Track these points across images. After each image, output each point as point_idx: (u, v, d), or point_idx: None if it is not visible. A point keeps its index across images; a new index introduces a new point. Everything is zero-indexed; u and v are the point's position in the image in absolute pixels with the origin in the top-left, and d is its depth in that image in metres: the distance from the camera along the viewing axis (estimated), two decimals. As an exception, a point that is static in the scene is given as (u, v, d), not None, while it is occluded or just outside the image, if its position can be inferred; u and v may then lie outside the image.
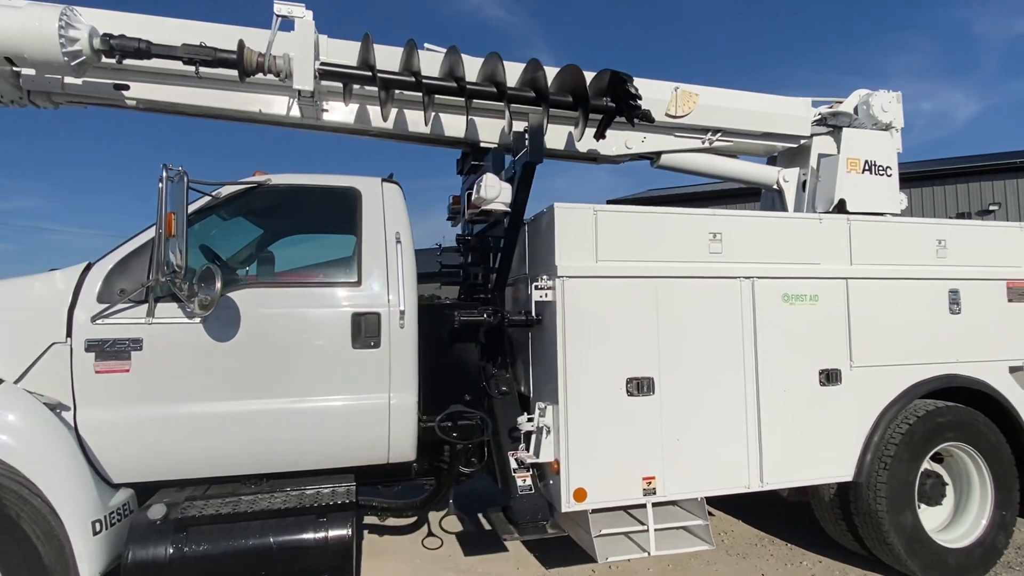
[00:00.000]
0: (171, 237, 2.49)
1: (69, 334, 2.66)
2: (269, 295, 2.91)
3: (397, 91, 3.60)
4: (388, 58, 3.56)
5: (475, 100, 3.54)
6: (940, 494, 3.76)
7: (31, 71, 3.28)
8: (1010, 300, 3.89)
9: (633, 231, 3.21)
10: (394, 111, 3.93)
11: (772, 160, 5.19)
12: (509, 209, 3.07)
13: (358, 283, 3.04)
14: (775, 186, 4.95)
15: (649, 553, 3.13)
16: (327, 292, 3.01)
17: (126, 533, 2.58)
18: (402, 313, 3.02)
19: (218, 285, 2.54)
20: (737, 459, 3.28)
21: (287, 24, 3.33)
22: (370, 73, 3.42)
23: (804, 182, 4.84)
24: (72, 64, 3.06)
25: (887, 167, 4.67)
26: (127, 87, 3.55)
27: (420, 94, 3.55)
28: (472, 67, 3.67)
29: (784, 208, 4.89)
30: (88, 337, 2.67)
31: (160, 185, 2.68)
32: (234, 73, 3.41)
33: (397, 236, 3.16)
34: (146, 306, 2.73)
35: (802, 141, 4.81)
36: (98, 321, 2.68)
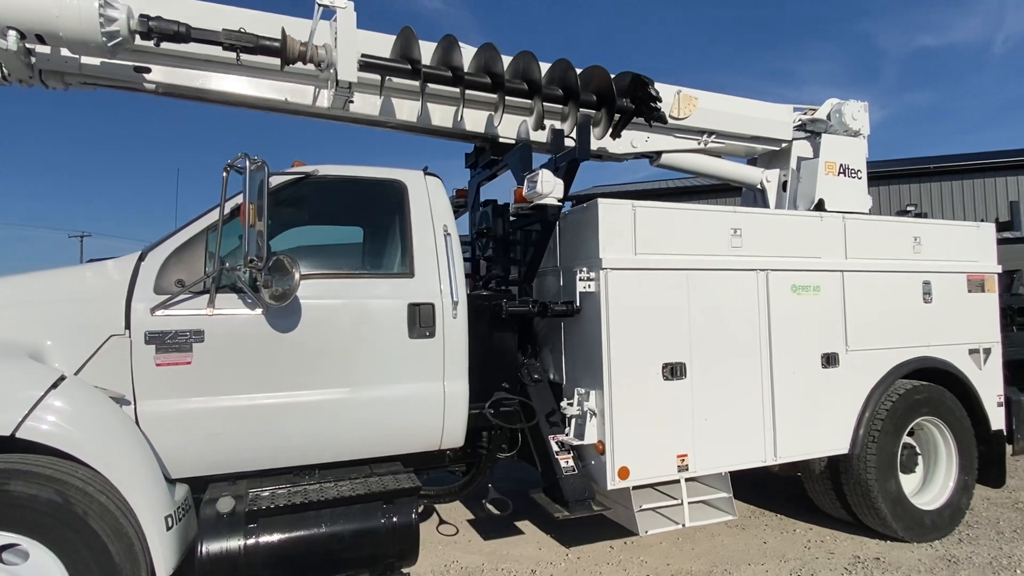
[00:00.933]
0: (252, 227, 2.47)
1: (128, 326, 2.58)
2: (329, 286, 2.91)
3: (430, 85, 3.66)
4: (425, 52, 3.61)
5: (508, 97, 3.64)
6: (914, 463, 4.23)
7: (46, 49, 3.11)
8: (969, 291, 4.41)
9: (667, 226, 3.44)
10: (416, 105, 3.99)
11: (752, 161, 5.58)
12: (561, 204, 3.21)
13: (411, 274, 3.09)
14: (759, 185, 5.32)
15: (684, 525, 3.38)
16: (384, 283, 3.05)
17: (194, 527, 2.55)
18: (455, 303, 3.11)
19: (296, 276, 2.54)
20: (755, 436, 3.59)
21: (326, 13, 3.32)
22: (410, 67, 3.46)
23: (785, 182, 5.24)
24: (108, 45, 2.93)
25: (858, 170, 5.14)
26: (148, 70, 3.42)
27: (451, 88, 3.63)
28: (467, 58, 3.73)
29: (766, 205, 5.28)
30: (148, 329, 2.60)
31: (225, 175, 2.66)
32: (265, 60, 3.38)
33: (445, 229, 3.23)
34: (206, 297, 2.68)
35: (783, 144, 5.20)
36: (158, 312, 2.62)
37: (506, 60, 3.75)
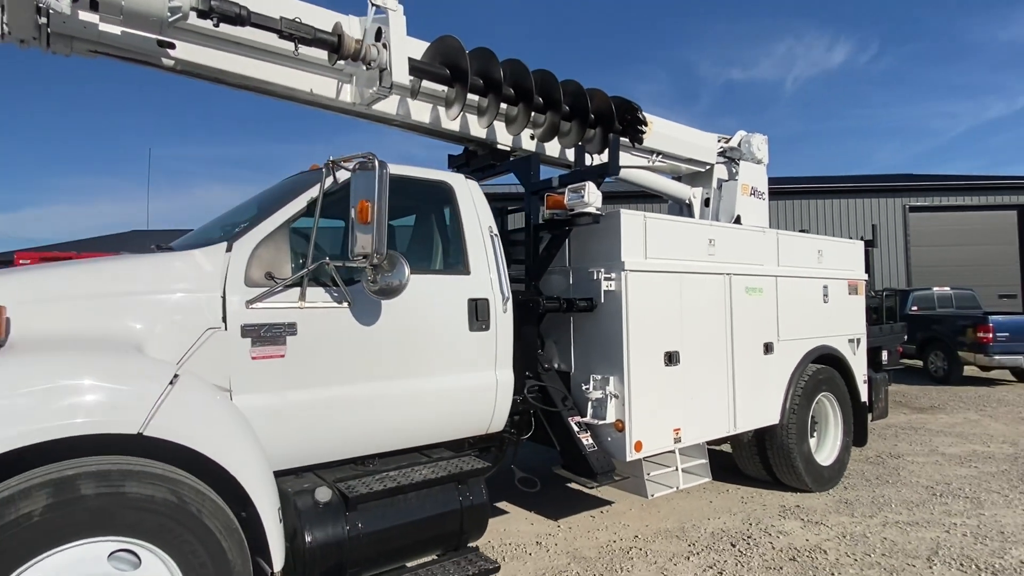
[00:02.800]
0: (364, 224, 2.55)
1: (224, 319, 2.51)
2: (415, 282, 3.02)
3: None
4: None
5: (532, 112, 3.97)
6: (813, 429, 5.32)
7: (64, 8, 2.82)
8: (849, 293, 5.63)
9: (667, 235, 4.02)
10: (429, 107, 4.15)
11: (676, 179, 6.45)
12: (600, 212, 3.62)
13: (468, 272, 3.31)
14: (687, 200, 6.20)
15: (677, 488, 4.00)
16: (448, 279, 3.23)
17: (296, 517, 2.56)
18: (505, 299, 3.39)
19: (407, 272, 2.67)
20: (723, 411, 4.33)
21: (378, 12, 3.38)
22: (448, 74, 3.64)
23: (707, 199, 6.17)
24: (169, 20, 2.76)
25: (763, 192, 6.23)
26: (173, 46, 3.20)
27: (473, 96, 3.87)
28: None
29: (691, 217, 6.16)
30: (244, 322, 2.55)
31: (324, 171, 2.69)
32: (308, 51, 3.37)
33: (490, 229, 3.49)
34: (297, 290, 2.69)
35: (707, 167, 6.12)
36: (253, 306, 2.57)
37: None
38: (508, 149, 4.58)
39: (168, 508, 2.18)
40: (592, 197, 3.47)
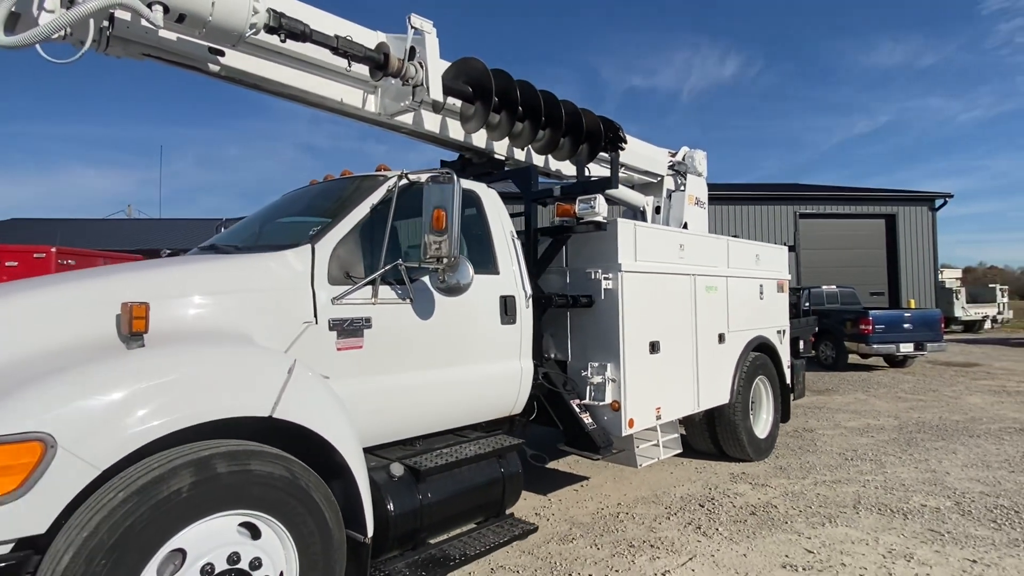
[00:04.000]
0: (439, 230, 2.90)
1: (315, 314, 2.78)
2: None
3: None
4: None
5: (540, 130, 4.43)
6: (752, 408, 6.19)
7: (125, 16, 2.95)
8: (778, 291, 6.58)
9: (650, 241, 4.63)
10: (439, 118, 4.50)
11: (630, 187, 7.14)
12: (606, 221, 4.14)
13: (497, 272, 3.73)
14: (642, 208, 6.92)
15: (658, 459, 4.64)
16: (483, 279, 3.62)
17: (377, 490, 2.87)
18: (527, 296, 3.84)
19: (471, 272, 3.05)
20: (690, 392, 5.03)
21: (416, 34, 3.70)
22: (471, 93, 4.02)
23: (658, 207, 6.92)
24: (246, 35, 2.96)
25: (704, 202, 7.07)
26: (223, 53, 3.38)
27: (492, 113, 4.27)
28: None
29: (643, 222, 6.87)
30: (331, 317, 2.84)
31: (393, 182, 3.01)
32: (338, 63, 3.64)
33: (512, 233, 3.92)
34: (370, 288, 2.99)
35: (659, 178, 6.86)
36: (337, 302, 2.86)
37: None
38: (503, 159, 5.01)
39: (284, 483, 2.45)
40: (601, 208, 4.00)
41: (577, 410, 4.28)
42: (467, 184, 3.86)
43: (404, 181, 3.33)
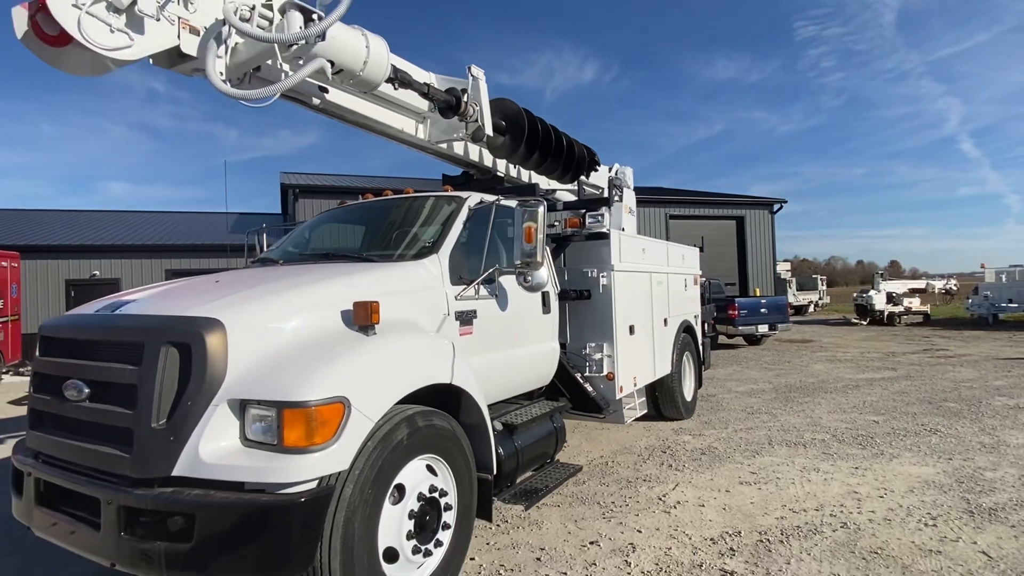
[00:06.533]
0: (529, 242, 3.84)
1: (448, 308, 3.61)
2: (513, 279, 4.30)
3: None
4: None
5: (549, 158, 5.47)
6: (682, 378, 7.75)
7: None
8: (694, 284, 8.22)
9: (628, 246, 5.87)
10: (463, 143, 5.36)
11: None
12: (609, 231, 5.27)
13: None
14: (589, 215, 8.19)
15: (636, 417, 5.92)
16: (532, 277, 4.59)
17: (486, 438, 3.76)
18: (557, 291, 4.89)
19: (547, 274, 4.01)
20: (651, 364, 6.38)
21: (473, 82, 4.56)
22: (505, 127, 4.96)
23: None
24: (379, 87, 3.68)
25: (634, 211, 8.52)
26: (327, 91, 4.03)
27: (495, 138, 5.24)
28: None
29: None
30: (457, 310, 3.68)
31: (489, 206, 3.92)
32: (417, 103, 4.44)
33: (545, 239, 4.92)
34: (474, 287, 3.86)
35: (601, 190, 8.19)
36: (459, 298, 3.71)
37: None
38: (503, 175, 5.98)
39: (449, 434, 3.31)
40: (607, 222, 5.14)
41: (581, 381, 5.41)
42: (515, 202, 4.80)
43: (479, 202, 4.22)
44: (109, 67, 3.02)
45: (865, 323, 23.01)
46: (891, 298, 22.59)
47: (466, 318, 3.77)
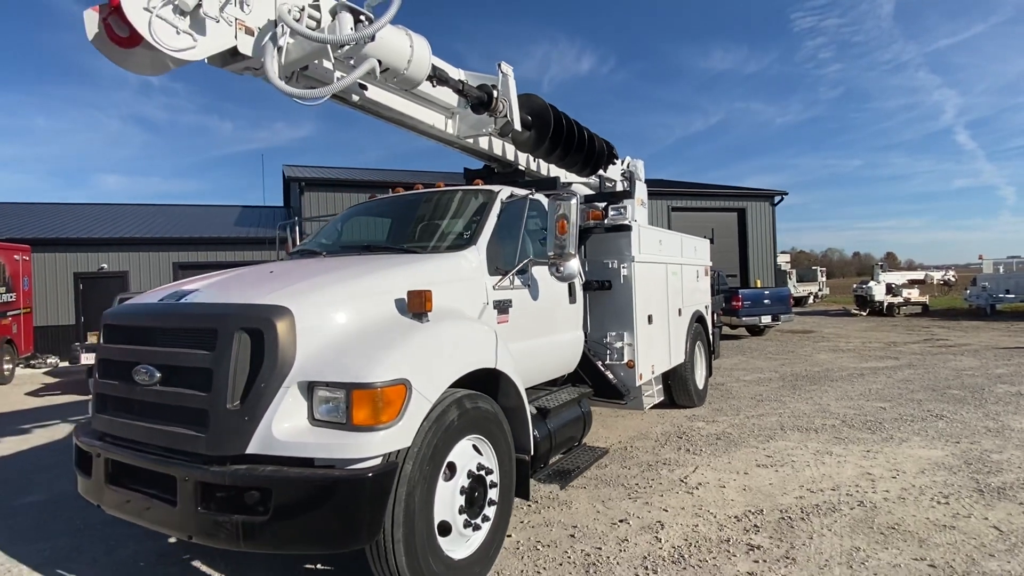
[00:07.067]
0: (562, 234, 4.00)
1: (487, 297, 3.78)
2: (545, 270, 4.47)
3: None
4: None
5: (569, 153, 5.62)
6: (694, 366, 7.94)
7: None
8: (705, 275, 8.40)
9: (647, 238, 6.04)
10: (487, 138, 5.50)
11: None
12: (631, 224, 5.43)
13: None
14: (601, 207, 8.35)
15: (653, 404, 6.10)
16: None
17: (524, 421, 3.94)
18: (583, 282, 5.05)
19: (577, 265, 4.17)
20: (667, 352, 6.56)
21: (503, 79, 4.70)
22: (531, 122, 5.10)
23: (613, 207, 8.41)
24: (421, 84, 3.83)
25: (645, 203, 8.69)
26: (366, 88, 4.17)
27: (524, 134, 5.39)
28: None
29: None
30: (495, 299, 3.85)
31: (526, 200, 4.07)
32: (447, 99, 4.59)
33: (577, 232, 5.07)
34: (509, 277, 4.02)
35: (614, 183, 8.34)
36: (496, 288, 3.87)
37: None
38: (523, 168, 6.12)
39: (492, 416, 3.48)
40: (630, 214, 5.30)
41: (602, 369, 5.59)
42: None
43: (510, 195, 4.38)
44: (168, 66, 3.16)
45: (865, 314, 23.27)
46: (891, 289, 22.84)
47: (503, 307, 3.94)
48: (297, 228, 5.24)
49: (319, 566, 3.61)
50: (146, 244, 17.02)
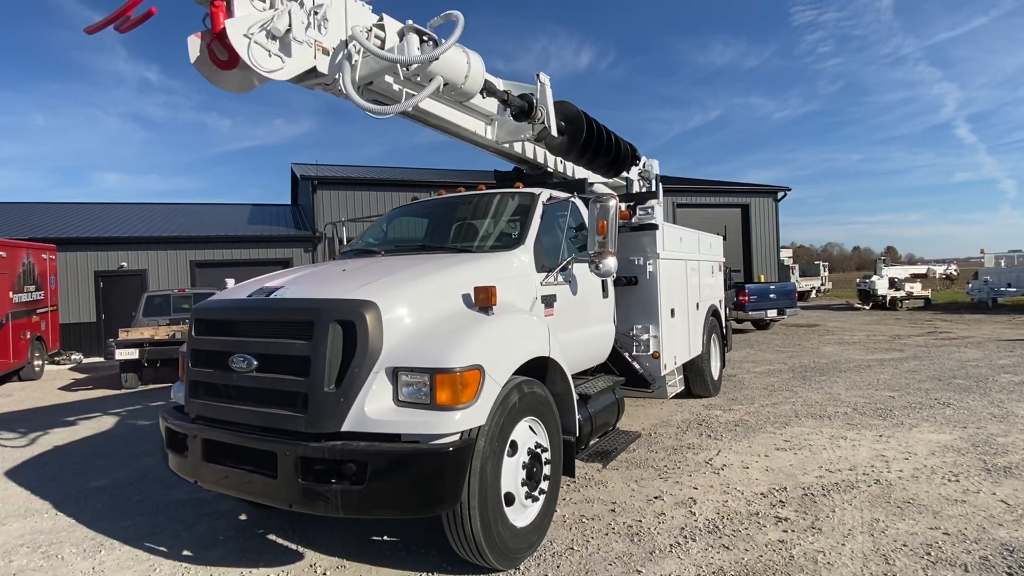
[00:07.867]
0: (602, 234, 4.32)
1: (536, 293, 4.11)
2: (584, 267, 4.79)
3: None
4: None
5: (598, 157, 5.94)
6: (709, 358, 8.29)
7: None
8: (719, 270, 8.74)
9: (670, 236, 6.37)
10: (520, 143, 5.83)
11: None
12: (657, 223, 5.76)
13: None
14: (618, 205, 8.69)
15: (675, 392, 6.45)
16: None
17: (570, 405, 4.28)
18: (614, 278, 5.39)
19: (615, 263, 4.50)
20: (687, 344, 6.91)
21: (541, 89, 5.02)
22: (565, 129, 5.43)
23: (630, 205, 8.74)
24: (470, 95, 4.15)
25: (660, 201, 9.02)
26: (418, 99, 4.48)
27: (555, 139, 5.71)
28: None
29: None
30: (541, 294, 4.19)
31: (565, 203, 4.40)
32: (489, 107, 4.91)
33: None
34: (554, 274, 4.35)
35: (629, 181, 8.66)
36: (543, 283, 4.21)
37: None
38: (552, 170, 6.46)
39: (544, 399, 3.81)
40: (657, 215, 5.64)
41: (630, 359, 5.94)
42: (580, 198, 5.28)
43: (550, 197, 4.71)
44: (254, 84, 3.49)
45: (867, 308, 23.62)
46: (893, 283, 23.19)
47: (549, 301, 4.27)
48: (343, 227, 5.57)
49: (386, 537, 3.96)
50: (164, 243, 17.34)
